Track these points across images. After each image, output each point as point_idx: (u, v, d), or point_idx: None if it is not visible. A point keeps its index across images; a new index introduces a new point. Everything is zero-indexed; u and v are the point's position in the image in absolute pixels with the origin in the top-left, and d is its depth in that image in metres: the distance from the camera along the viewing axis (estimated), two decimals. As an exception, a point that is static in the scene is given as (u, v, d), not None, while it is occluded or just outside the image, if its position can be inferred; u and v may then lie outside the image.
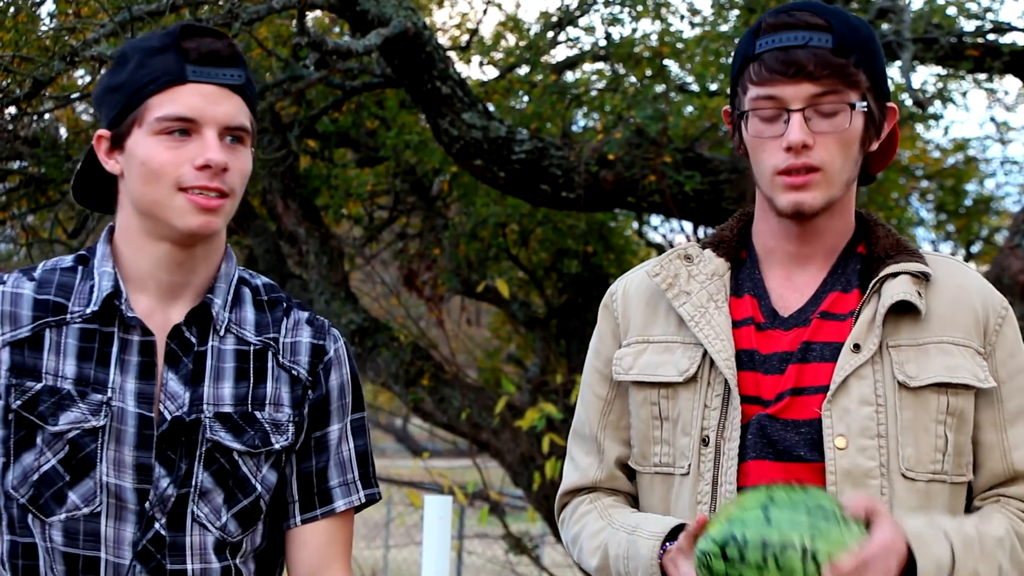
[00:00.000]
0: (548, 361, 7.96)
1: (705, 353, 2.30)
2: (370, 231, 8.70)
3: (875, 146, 2.34)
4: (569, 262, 7.91)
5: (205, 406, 2.21)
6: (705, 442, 2.28)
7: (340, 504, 2.31)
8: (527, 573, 9.78)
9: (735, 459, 2.25)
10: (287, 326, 2.31)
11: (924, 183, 8.57)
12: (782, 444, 2.24)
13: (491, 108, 6.40)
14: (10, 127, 6.40)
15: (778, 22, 2.26)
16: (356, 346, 7.38)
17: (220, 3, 5.39)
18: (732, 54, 6.32)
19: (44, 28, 5.72)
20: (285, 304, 2.33)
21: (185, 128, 2.16)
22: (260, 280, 2.35)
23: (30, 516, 2.16)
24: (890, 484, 2.23)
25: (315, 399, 2.29)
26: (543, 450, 6.54)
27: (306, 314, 2.33)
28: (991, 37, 6.75)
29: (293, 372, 2.28)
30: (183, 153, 2.16)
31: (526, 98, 7.45)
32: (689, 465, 2.28)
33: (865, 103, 2.28)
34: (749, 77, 2.28)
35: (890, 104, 2.35)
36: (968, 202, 8.58)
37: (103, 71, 2.26)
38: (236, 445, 2.22)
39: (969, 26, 6.76)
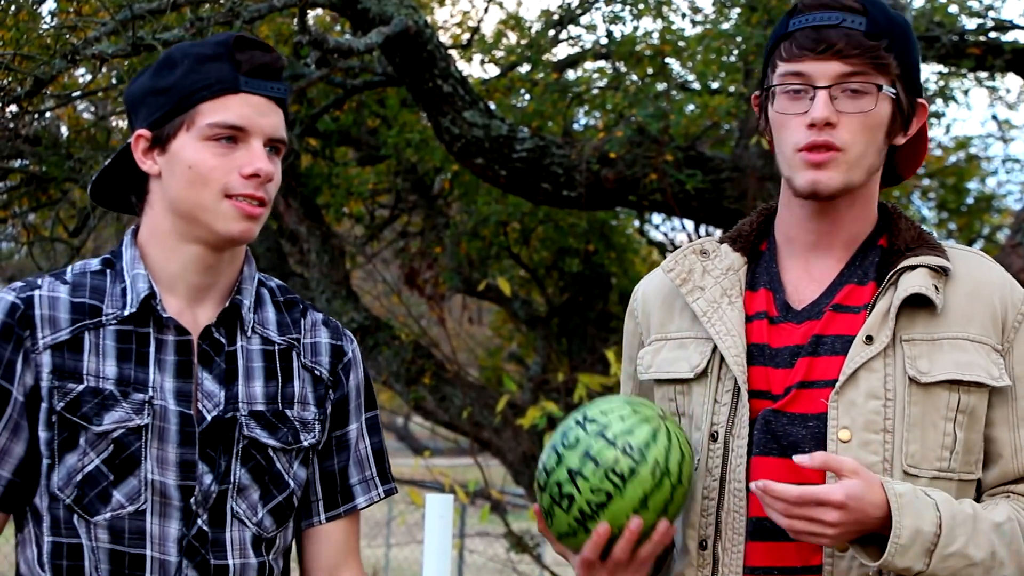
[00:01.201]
0: (549, 359, 7.96)
1: (716, 348, 2.31)
2: (371, 230, 8.71)
3: (901, 140, 2.33)
4: (570, 260, 7.91)
5: (240, 404, 2.26)
6: (714, 437, 2.28)
7: (361, 501, 2.39)
8: (528, 572, 9.78)
9: (744, 456, 2.25)
10: (306, 327, 2.37)
11: (926, 181, 8.57)
12: (786, 439, 2.24)
13: (492, 106, 6.39)
14: (11, 125, 6.40)
15: (814, 2, 2.28)
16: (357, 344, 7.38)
17: (221, 1, 5.39)
18: (734, 52, 6.36)
19: (45, 26, 5.72)
20: (301, 305, 2.39)
21: (233, 136, 2.22)
22: (274, 282, 2.40)
23: (75, 516, 2.19)
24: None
25: (337, 399, 2.36)
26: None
27: (320, 315, 2.39)
28: (993, 35, 6.75)
29: (316, 372, 2.34)
30: (231, 160, 2.21)
31: (527, 96, 7.45)
32: (698, 460, 2.29)
33: (894, 90, 2.27)
34: (779, 55, 2.29)
35: (921, 100, 2.34)
36: (970, 200, 8.57)
37: (144, 71, 2.29)
38: (271, 442, 2.27)
39: (971, 24, 6.75)
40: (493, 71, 7.84)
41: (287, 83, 2.29)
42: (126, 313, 2.23)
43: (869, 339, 2.25)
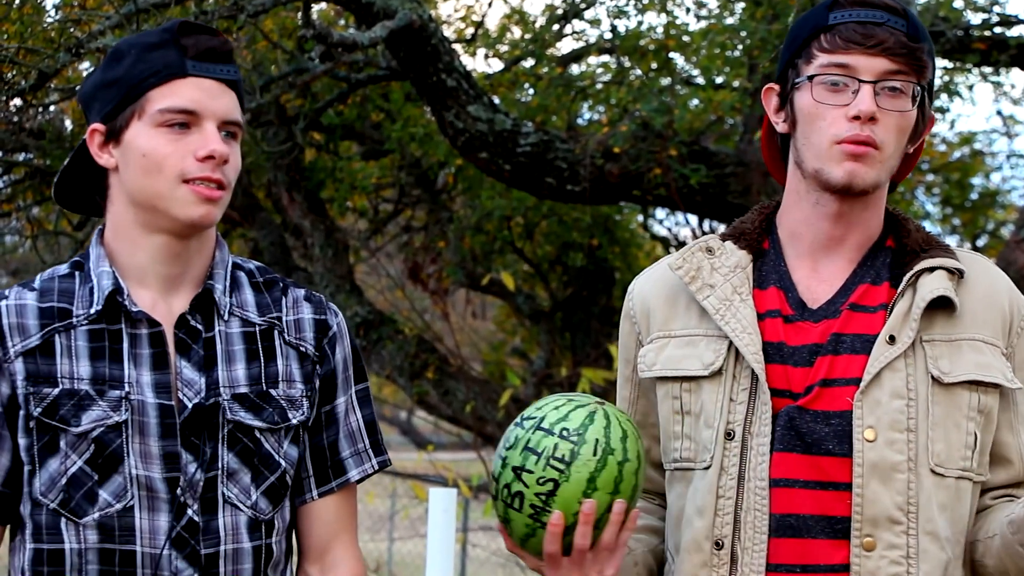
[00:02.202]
0: (553, 354, 7.96)
1: (730, 346, 2.29)
2: (375, 224, 8.70)
3: (911, 148, 2.34)
4: (574, 255, 7.90)
5: (222, 389, 2.24)
6: (730, 436, 2.26)
7: (354, 474, 2.36)
8: (531, 566, 9.77)
9: (766, 454, 2.24)
10: (287, 304, 2.34)
11: (930, 177, 8.56)
12: (810, 437, 2.23)
13: (496, 101, 6.39)
14: (15, 119, 6.40)
15: None
16: (361, 339, 7.38)
17: (225, -5, 5.38)
18: (738, 47, 6.35)
19: (49, 20, 5.72)
20: (281, 284, 2.37)
21: (185, 121, 2.20)
22: (252, 264, 2.38)
23: (63, 520, 2.18)
24: (917, 479, 2.22)
25: (324, 373, 2.34)
26: (548, 443, 6.52)
27: (303, 291, 2.37)
28: (998, 30, 6.73)
29: (301, 349, 2.32)
30: (184, 145, 2.19)
31: (531, 91, 7.44)
32: (711, 458, 2.27)
33: (925, 94, 2.30)
34: (820, 45, 2.28)
35: (932, 113, 2.36)
36: (974, 196, 8.56)
37: (94, 68, 2.30)
38: (257, 423, 2.26)
39: (976, 19, 6.74)
40: (497, 66, 7.82)
41: (236, 66, 2.27)
42: (93, 311, 2.22)
43: (892, 339, 2.24)
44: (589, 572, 2.22)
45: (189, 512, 2.20)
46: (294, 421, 2.29)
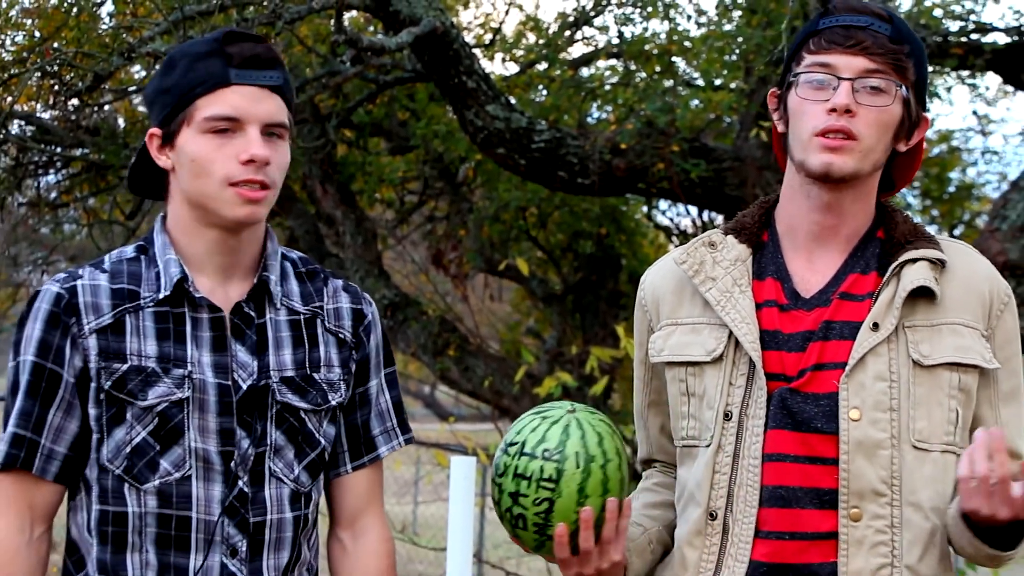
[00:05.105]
0: (564, 334, 7.96)
1: (731, 334, 2.28)
2: (401, 214, 8.72)
3: (903, 147, 2.32)
4: (584, 243, 7.90)
5: (272, 372, 2.26)
6: (728, 416, 2.27)
7: (384, 450, 2.39)
8: (544, 528, 9.76)
9: (760, 435, 2.24)
10: (328, 294, 2.36)
11: (911, 171, 8.53)
12: (801, 416, 2.23)
13: (513, 101, 6.39)
14: (73, 117, 6.42)
15: (846, 6, 2.28)
16: (388, 319, 7.40)
17: (264, 3, 5.39)
18: (735, 52, 6.34)
19: (104, 26, 5.74)
20: (322, 274, 2.38)
21: (228, 127, 2.19)
22: (295, 254, 2.39)
23: (126, 485, 2.20)
24: (900, 455, 2.22)
25: (359, 358, 2.36)
26: (559, 415, 6.53)
27: (340, 282, 2.39)
28: (974, 37, 6.71)
29: (340, 336, 2.34)
30: (228, 149, 2.19)
31: (545, 92, 7.44)
32: (711, 437, 2.28)
33: (908, 93, 2.28)
34: (808, 48, 2.28)
35: (925, 114, 2.33)
36: (951, 189, 8.53)
37: (154, 72, 2.30)
38: (302, 404, 2.28)
39: (954, 26, 6.72)
40: (513, 68, 7.82)
41: (281, 71, 2.25)
42: (161, 296, 2.23)
43: (875, 326, 2.24)
44: (600, 564, 2.25)
45: (240, 484, 2.22)
46: (333, 403, 2.32)
